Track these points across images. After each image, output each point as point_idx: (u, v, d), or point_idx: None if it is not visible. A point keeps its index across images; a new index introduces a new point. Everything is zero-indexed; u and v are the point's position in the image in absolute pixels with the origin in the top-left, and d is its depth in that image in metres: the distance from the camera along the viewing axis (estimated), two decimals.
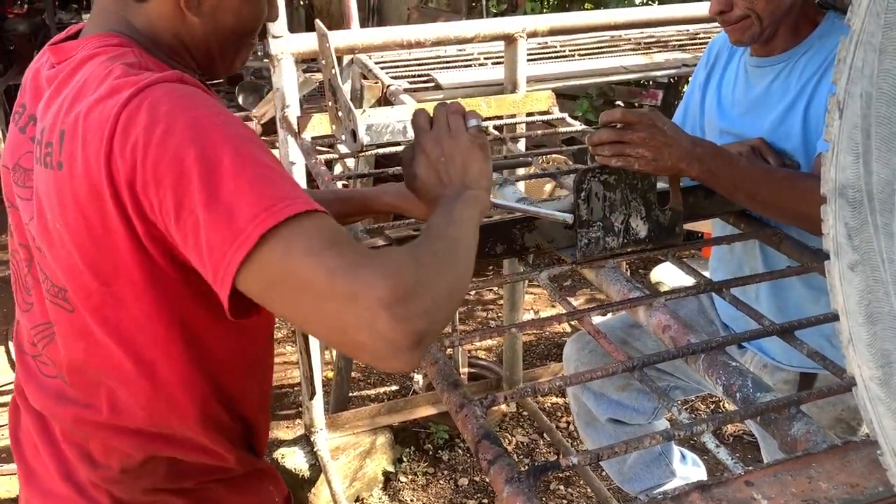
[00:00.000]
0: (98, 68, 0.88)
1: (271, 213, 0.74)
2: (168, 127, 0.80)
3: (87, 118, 0.84)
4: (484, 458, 0.85)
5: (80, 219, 0.86)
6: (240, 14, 0.97)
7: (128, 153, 0.81)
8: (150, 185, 0.80)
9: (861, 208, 0.59)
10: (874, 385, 0.63)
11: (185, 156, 0.78)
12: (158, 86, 0.84)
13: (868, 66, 0.56)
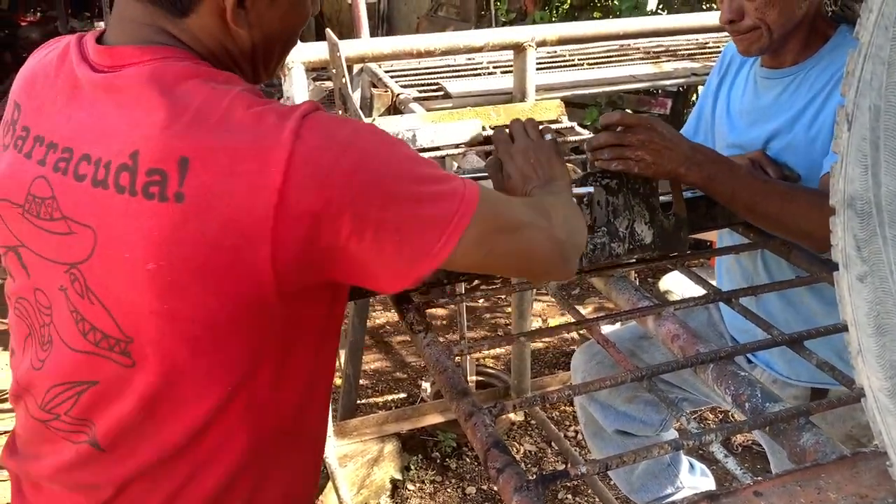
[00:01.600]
0: (214, 91, 0.81)
1: (468, 194, 0.86)
2: (359, 149, 0.81)
3: (230, 146, 0.78)
4: (493, 467, 0.85)
5: (199, 257, 0.78)
6: (286, 20, 0.93)
7: (314, 184, 0.78)
8: (346, 210, 0.79)
9: (870, 220, 0.59)
10: (883, 396, 0.63)
11: (383, 175, 0.82)
12: (314, 114, 0.81)
13: (877, 78, 0.56)
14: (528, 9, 5.57)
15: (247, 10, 0.88)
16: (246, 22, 0.89)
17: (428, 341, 1.13)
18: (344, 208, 0.79)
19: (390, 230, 0.82)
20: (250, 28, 0.90)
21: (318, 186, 0.78)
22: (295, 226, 0.78)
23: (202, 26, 0.88)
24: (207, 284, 0.80)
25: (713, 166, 1.25)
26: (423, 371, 3.61)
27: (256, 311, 0.83)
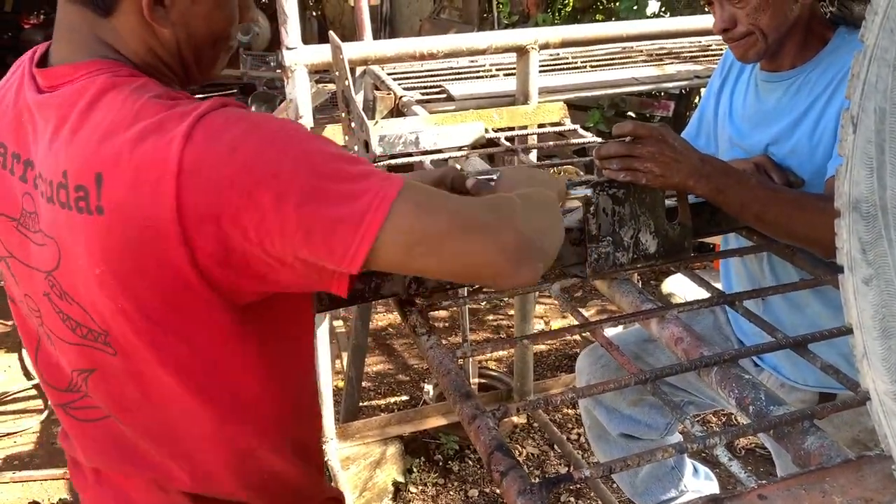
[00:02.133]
0: (125, 102, 0.84)
1: (386, 188, 0.81)
2: (247, 151, 0.79)
3: (133, 157, 0.80)
4: (496, 470, 0.85)
5: (128, 261, 0.83)
6: (211, 20, 0.93)
7: (207, 187, 0.79)
8: (244, 211, 0.79)
9: (875, 222, 0.59)
10: (889, 399, 0.63)
11: (279, 171, 0.79)
12: (210, 115, 0.81)
13: (882, 81, 0.56)
14: (531, 11, 5.58)
15: (167, 7, 0.89)
16: (168, 20, 0.90)
17: (431, 344, 1.12)
18: (241, 210, 0.79)
19: (298, 231, 0.79)
20: (174, 27, 0.90)
21: (212, 190, 0.79)
22: (201, 230, 0.80)
23: (127, 26, 0.89)
24: (146, 285, 0.84)
25: (722, 178, 1.24)
26: (425, 373, 3.61)
27: (202, 307, 0.86)
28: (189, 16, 0.91)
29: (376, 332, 4.03)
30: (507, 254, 0.85)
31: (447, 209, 0.85)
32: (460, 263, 0.86)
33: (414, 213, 0.81)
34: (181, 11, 0.90)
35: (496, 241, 0.85)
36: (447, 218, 0.84)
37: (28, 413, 3.47)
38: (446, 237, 0.83)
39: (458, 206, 0.86)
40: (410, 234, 0.82)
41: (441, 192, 0.89)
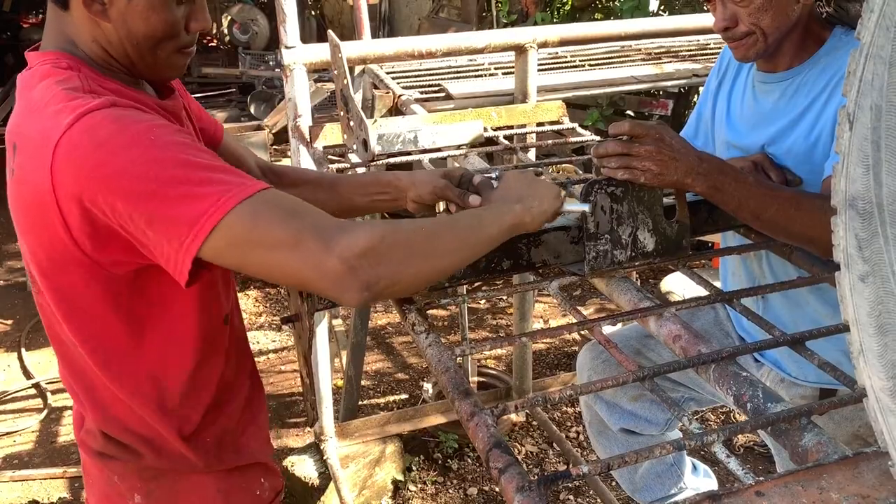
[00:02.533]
0: (45, 91, 0.98)
1: (228, 197, 0.89)
2: (110, 147, 0.90)
3: (32, 137, 0.96)
4: (495, 467, 0.85)
5: (27, 220, 1.00)
6: (148, 20, 1.02)
7: (72, 171, 0.91)
8: (99, 194, 0.91)
9: (871, 220, 0.59)
10: (885, 396, 0.63)
11: (131, 173, 0.90)
12: (94, 113, 0.92)
13: (878, 78, 0.57)
14: (530, 10, 5.58)
15: (105, 5, 1.00)
16: (107, 16, 1.00)
17: (430, 342, 1.13)
18: (96, 198, 0.91)
19: (142, 223, 0.91)
20: (114, 23, 1.01)
21: (74, 177, 0.92)
22: (69, 206, 0.93)
23: (79, 21, 1.02)
24: (38, 242, 1.00)
25: (719, 176, 1.24)
26: (424, 372, 3.61)
27: (79, 269, 1.00)
28: (126, 14, 1.01)
29: (375, 330, 4.04)
30: (332, 277, 0.90)
31: (286, 225, 0.90)
32: (287, 276, 0.94)
33: (249, 223, 0.90)
34: (119, 9, 1.00)
35: (318, 267, 0.90)
36: (280, 234, 0.90)
37: (27, 412, 3.47)
38: (274, 251, 0.90)
39: (299, 226, 0.90)
40: (240, 241, 0.90)
41: (298, 208, 0.93)
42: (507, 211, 1.10)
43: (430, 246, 0.99)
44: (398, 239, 0.95)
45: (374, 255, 0.91)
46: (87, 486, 1.22)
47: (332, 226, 0.92)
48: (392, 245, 0.94)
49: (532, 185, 1.16)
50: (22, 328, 4.13)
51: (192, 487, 1.18)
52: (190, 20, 1.06)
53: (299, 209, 0.93)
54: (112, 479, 1.16)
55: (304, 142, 2.11)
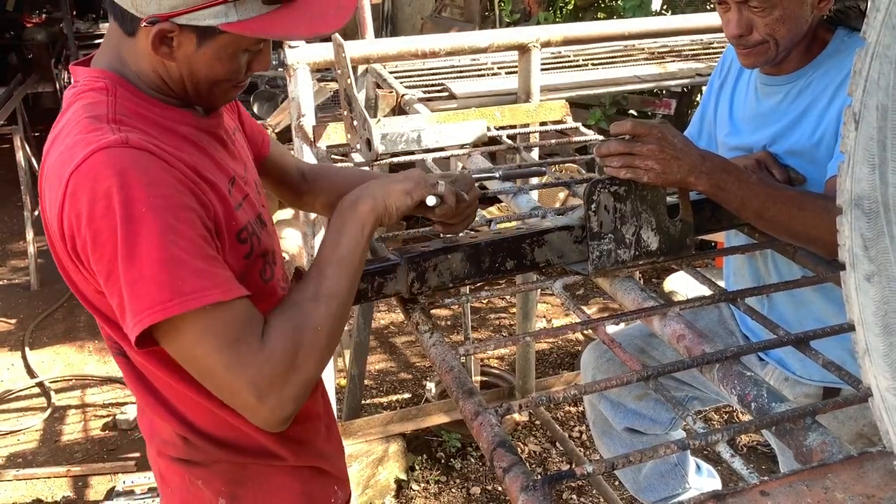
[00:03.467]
0: (72, 117, 0.99)
1: (192, 299, 0.90)
2: (105, 206, 0.90)
3: (52, 169, 0.97)
4: (499, 466, 0.85)
5: (61, 252, 1.00)
6: (212, 68, 1.02)
7: (73, 218, 0.93)
8: (87, 247, 0.93)
9: (877, 219, 0.59)
10: (890, 395, 0.63)
11: (111, 241, 0.91)
12: (103, 152, 0.92)
13: (884, 77, 0.56)
14: (532, 10, 5.57)
15: (172, 48, 1.00)
16: (171, 57, 1.00)
17: (434, 341, 1.13)
18: (85, 245, 0.93)
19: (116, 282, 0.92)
20: (178, 63, 1.01)
21: (75, 219, 0.93)
22: (69, 241, 0.95)
23: (142, 50, 1.01)
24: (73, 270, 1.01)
25: (722, 175, 1.24)
26: (427, 371, 3.61)
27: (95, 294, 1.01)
28: (192, 60, 1.01)
29: (378, 330, 4.04)
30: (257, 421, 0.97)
31: (223, 358, 0.93)
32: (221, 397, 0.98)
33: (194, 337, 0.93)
34: (185, 55, 1.00)
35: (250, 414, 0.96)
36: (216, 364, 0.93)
37: (31, 411, 3.48)
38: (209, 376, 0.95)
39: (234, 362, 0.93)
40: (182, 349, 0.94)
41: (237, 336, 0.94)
42: (356, 218, 1.07)
43: (329, 327, 1.01)
44: (313, 345, 0.98)
45: (294, 384, 0.96)
46: (165, 497, 1.21)
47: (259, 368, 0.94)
48: (308, 356, 0.97)
49: (392, 177, 1.14)
50: (26, 327, 4.14)
51: (277, 489, 1.18)
52: (253, 62, 1.06)
53: (238, 336, 0.94)
54: (195, 484, 1.15)
55: (307, 141, 2.11)
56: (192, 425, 1.11)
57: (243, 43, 1.01)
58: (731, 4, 1.37)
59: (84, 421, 3.39)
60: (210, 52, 1.00)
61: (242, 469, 1.15)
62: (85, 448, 3.21)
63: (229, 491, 1.14)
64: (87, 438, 3.28)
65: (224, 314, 0.94)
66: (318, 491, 1.23)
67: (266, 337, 0.97)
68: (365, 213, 1.07)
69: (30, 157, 4.78)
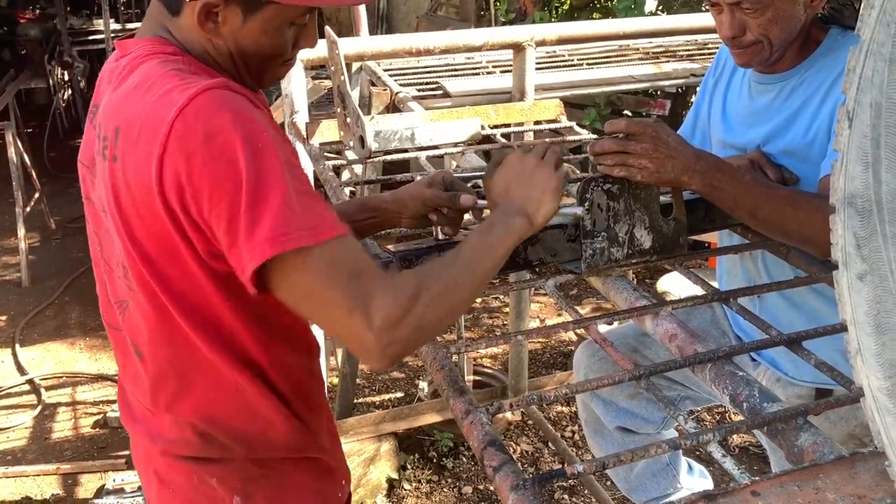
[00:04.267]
0: (151, 71, 0.97)
1: (313, 234, 0.89)
2: (223, 141, 0.89)
3: (141, 119, 0.93)
4: (489, 465, 0.85)
5: (131, 208, 0.97)
6: (259, 43, 1.02)
7: (181, 162, 0.90)
8: (201, 192, 0.90)
9: (870, 218, 0.59)
10: (882, 396, 0.62)
11: (235, 174, 0.88)
12: (208, 93, 0.91)
13: (878, 75, 0.56)
14: (528, 9, 5.57)
15: (218, 24, 0.99)
16: (219, 34, 1.00)
17: None
18: (199, 192, 0.90)
19: (238, 215, 0.89)
20: (224, 39, 1.01)
21: (183, 165, 0.90)
22: (173, 193, 0.92)
23: (188, 27, 1.01)
24: (143, 229, 0.97)
25: (716, 174, 1.24)
26: (420, 371, 3.60)
27: (184, 257, 0.98)
28: (239, 35, 1.00)
29: None
30: (372, 346, 0.92)
31: (345, 288, 0.91)
32: (329, 331, 0.99)
33: (317, 269, 0.91)
34: (231, 29, 1.00)
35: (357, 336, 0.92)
36: (338, 295, 0.91)
37: (21, 408, 3.46)
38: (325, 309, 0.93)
39: (355, 291, 0.91)
40: (304, 282, 0.91)
41: (358, 268, 0.93)
42: (510, 229, 1.07)
43: (460, 296, 1.00)
44: (436, 299, 0.96)
45: (409, 326, 0.93)
46: (163, 499, 1.18)
47: (381, 295, 0.92)
48: (429, 308, 0.95)
49: (531, 183, 1.12)
50: (16, 324, 4.12)
51: (292, 486, 1.17)
52: (299, 38, 1.06)
53: (360, 269, 0.93)
54: (207, 483, 1.12)
55: (300, 138, 2.10)
56: (213, 418, 1.10)
57: (289, 15, 1.01)
58: (723, 6, 1.37)
59: (74, 418, 3.38)
60: (256, 25, 0.99)
61: (259, 466, 1.13)
62: (75, 446, 3.19)
63: (244, 489, 1.13)
64: (77, 436, 3.26)
65: (348, 248, 0.93)
66: (328, 487, 1.23)
67: (392, 274, 0.97)
68: (520, 227, 1.08)
69: (22, 153, 4.76)
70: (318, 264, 0.90)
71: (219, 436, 1.10)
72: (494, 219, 1.09)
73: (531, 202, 1.10)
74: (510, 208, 1.10)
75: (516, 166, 1.14)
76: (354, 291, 0.91)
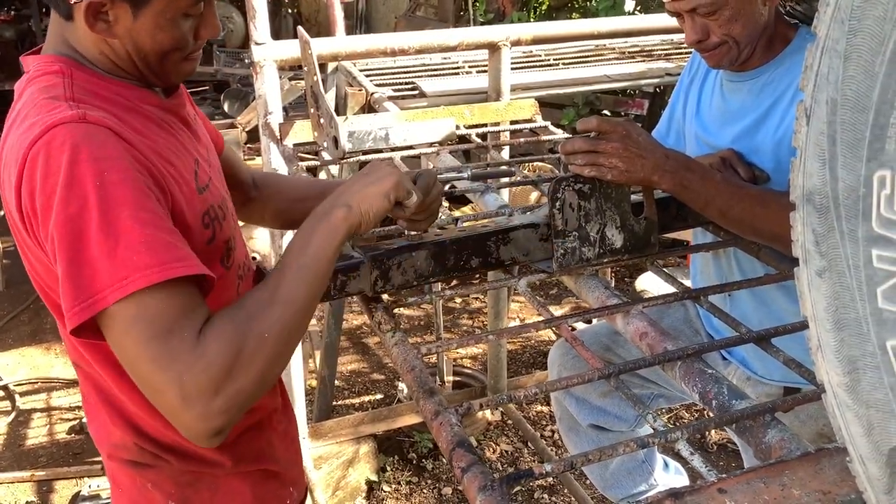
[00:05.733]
0: (29, 99, 0.97)
1: (122, 286, 0.84)
2: (59, 181, 0.87)
3: (9, 150, 0.95)
4: (458, 466, 0.84)
5: (17, 238, 0.99)
6: (155, 38, 0.99)
7: (27, 194, 0.90)
8: (41, 225, 0.90)
9: (828, 214, 0.59)
10: (842, 391, 0.63)
11: (66, 214, 0.86)
12: (60, 127, 0.89)
13: (833, 72, 0.56)
14: (507, 9, 5.58)
15: (109, 23, 0.97)
16: (111, 34, 0.97)
17: (396, 340, 1.11)
18: (44, 226, 0.89)
19: (62, 267, 0.86)
20: (120, 39, 0.98)
21: (30, 196, 0.90)
22: (29, 222, 0.92)
23: (83, 32, 0.99)
24: (27, 259, 0.99)
25: (686, 174, 1.24)
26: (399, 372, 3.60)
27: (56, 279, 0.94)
28: (133, 32, 0.98)
29: (350, 330, 4.02)
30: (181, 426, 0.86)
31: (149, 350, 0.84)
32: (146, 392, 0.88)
33: (125, 324, 0.85)
34: (125, 28, 0.97)
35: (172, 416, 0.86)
36: (141, 357, 0.85)
37: None
38: (134, 369, 0.87)
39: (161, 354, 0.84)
40: (112, 337, 0.86)
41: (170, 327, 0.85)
42: (331, 227, 0.99)
43: (285, 333, 0.92)
44: (256, 352, 0.88)
45: (227, 393, 0.85)
46: (115, 498, 1.18)
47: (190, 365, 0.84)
48: (248, 366, 0.87)
49: (367, 179, 1.05)
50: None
51: (228, 492, 1.15)
52: (199, 28, 1.03)
53: (175, 328, 0.85)
54: (145, 486, 1.12)
55: (274, 139, 2.08)
56: (139, 429, 1.09)
57: (180, 5, 0.98)
58: (682, 15, 1.39)
59: (49, 424, 3.33)
60: (148, 21, 0.97)
61: (192, 473, 1.13)
62: (50, 452, 3.15)
63: (179, 493, 1.12)
64: (52, 442, 3.22)
65: (161, 299, 0.85)
66: (269, 494, 1.21)
67: (203, 335, 0.86)
68: (337, 222, 0.99)
69: None
70: (123, 320, 0.84)
71: (145, 446, 1.09)
72: (314, 222, 1.00)
73: (356, 194, 1.03)
74: (335, 201, 1.02)
75: (370, 167, 1.09)
76: (160, 353, 0.84)
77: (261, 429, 1.18)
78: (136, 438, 1.09)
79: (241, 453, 1.15)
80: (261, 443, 1.19)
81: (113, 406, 1.09)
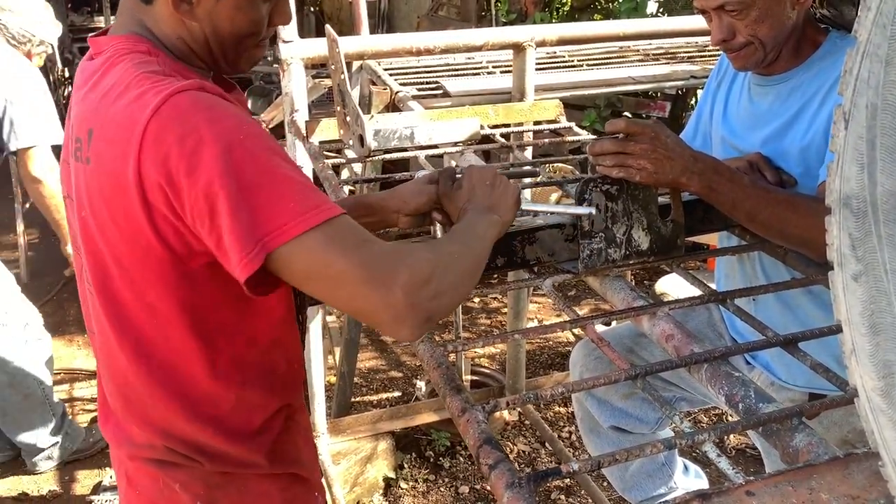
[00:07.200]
0: (125, 73, 0.96)
1: (311, 214, 0.88)
2: (198, 138, 0.88)
3: (115, 122, 0.94)
4: (485, 463, 0.85)
5: (104, 210, 0.97)
6: (234, 20, 1.02)
7: (160, 160, 0.89)
8: (182, 190, 0.89)
9: (865, 219, 0.59)
10: (876, 396, 0.63)
11: (217, 167, 0.87)
12: (182, 94, 0.91)
13: (874, 77, 0.56)
14: (529, 10, 5.57)
15: (192, 4, 1.00)
16: (193, 15, 1.01)
17: (422, 338, 1.12)
18: (181, 188, 0.89)
19: (224, 213, 0.87)
20: (200, 22, 1.01)
21: (162, 162, 0.89)
22: (154, 193, 0.91)
23: (162, 15, 1.02)
24: (117, 232, 0.97)
25: (714, 176, 1.24)
26: (417, 370, 3.61)
27: (157, 261, 0.97)
28: (213, 14, 1.01)
29: (369, 328, 4.03)
30: (394, 315, 0.89)
31: (355, 257, 0.89)
32: (347, 309, 0.95)
33: (321, 248, 0.88)
34: (206, 9, 1.01)
35: (379, 305, 0.89)
36: (350, 265, 0.88)
37: None
38: (340, 283, 0.89)
39: (367, 258, 0.89)
40: (311, 264, 0.89)
41: (363, 238, 0.91)
42: (490, 222, 1.09)
43: (467, 265, 0.99)
44: (448, 265, 0.95)
45: (432, 288, 0.91)
46: (129, 499, 1.18)
47: (394, 259, 0.90)
48: (445, 272, 0.93)
49: (494, 193, 1.15)
50: None
51: (258, 494, 1.16)
52: (273, 15, 1.07)
53: (368, 239, 0.92)
54: (171, 487, 1.12)
55: (300, 137, 2.10)
56: (175, 433, 1.09)
57: None
58: (709, 12, 1.39)
59: (72, 415, 3.37)
60: (230, 1, 1.01)
61: (224, 474, 1.12)
62: None
63: (208, 495, 1.12)
64: None
65: (347, 224, 0.91)
66: (297, 498, 1.22)
67: (402, 246, 0.94)
68: (496, 222, 1.09)
69: None
70: (322, 243, 0.88)
71: (180, 449, 1.10)
72: (472, 217, 1.09)
73: (498, 205, 1.13)
74: (480, 207, 1.12)
75: (477, 176, 1.17)
76: (367, 257, 0.89)
77: (289, 429, 1.18)
78: (165, 440, 1.09)
79: (277, 454, 1.15)
80: (291, 444, 1.19)
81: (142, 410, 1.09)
